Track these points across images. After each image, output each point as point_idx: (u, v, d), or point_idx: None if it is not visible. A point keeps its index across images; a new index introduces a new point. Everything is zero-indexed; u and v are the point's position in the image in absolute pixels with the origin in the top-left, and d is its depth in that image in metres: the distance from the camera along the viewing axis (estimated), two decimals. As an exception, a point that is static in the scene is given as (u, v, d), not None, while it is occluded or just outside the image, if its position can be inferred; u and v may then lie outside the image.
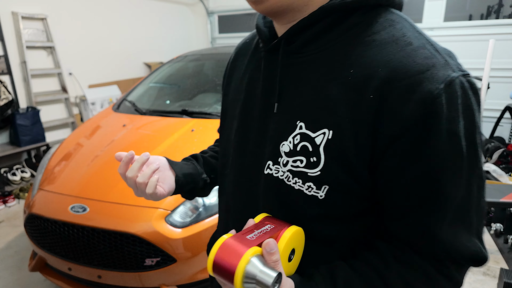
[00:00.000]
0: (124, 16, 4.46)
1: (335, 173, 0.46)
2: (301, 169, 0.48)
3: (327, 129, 0.46)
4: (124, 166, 0.63)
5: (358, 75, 0.44)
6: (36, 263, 1.72)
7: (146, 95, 2.63)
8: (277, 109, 0.53)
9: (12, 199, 3.03)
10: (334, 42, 0.48)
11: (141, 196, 0.65)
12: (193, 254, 1.45)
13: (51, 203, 1.61)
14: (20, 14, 3.23)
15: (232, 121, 0.63)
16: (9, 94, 3.10)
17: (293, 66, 0.52)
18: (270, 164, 0.52)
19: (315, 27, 0.48)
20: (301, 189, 0.49)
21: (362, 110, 0.43)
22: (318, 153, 0.46)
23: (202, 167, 0.76)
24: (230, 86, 0.67)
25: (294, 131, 0.49)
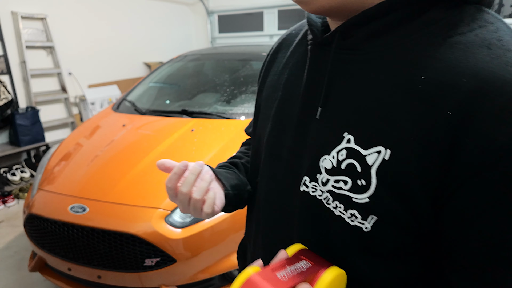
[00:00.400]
0: (123, 15, 4.45)
1: (387, 203, 0.37)
2: (345, 192, 0.40)
3: (384, 147, 0.36)
4: (176, 178, 0.52)
5: (432, 83, 0.35)
6: (35, 263, 1.72)
7: (146, 95, 2.63)
8: (320, 115, 0.44)
9: (11, 199, 3.02)
10: (405, 39, 0.39)
11: (188, 212, 0.54)
12: (193, 254, 1.44)
13: (51, 203, 1.61)
14: (20, 14, 3.22)
15: (266, 122, 0.54)
16: (8, 94, 3.10)
17: (347, 65, 0.42)
18: (307, 181, 0.44)
19: (382, 20, 0.39)
20: (342, 216, 0.40)
21: (435, 129, 0.34)
22: (369, 176, 0.37)
23: (244, 176, 0.65)
24: (266, 82, 0.59)
25: (340, 144, 0.40)
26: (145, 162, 1.70)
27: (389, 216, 0.37)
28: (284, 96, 0.51)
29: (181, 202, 0.53)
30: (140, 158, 1.73)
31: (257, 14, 5.52)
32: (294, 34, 0.57)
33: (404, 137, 0.35)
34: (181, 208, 0.54)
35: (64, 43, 3.72)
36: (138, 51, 4.74)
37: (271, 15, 5.37)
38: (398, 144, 0.36)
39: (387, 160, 0.36)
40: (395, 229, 0.38)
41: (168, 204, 1.49)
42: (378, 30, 0.40)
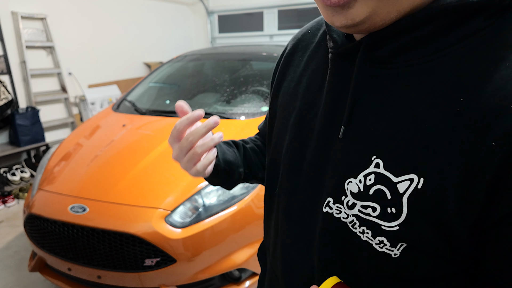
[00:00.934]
0: (123, 15, 4.45)
1: (419, 231, 0.34)
2: (373, 218, 0.37)
3: (417, 175, 0.33)
4: (187, 124, 0.49)
5: (473, 107, 0.31)
6: (35, 263, 1.72)
7: (146, 95, 2.63)
8: (344, 134, 0.40)
9: (11, 199, 3.02)
10: (440, 53, 0.34)
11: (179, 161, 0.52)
12: (193, 254, 1.44)
13: (51, 203, 1.61)
14: (20, 14, 3.22)
15: (283, 132, 0.51)
16: (8, 94, 3.10)
17: (374, 79, 0.38)
18: (331, 202, 0.42)
19: (415, 33, 0.35)
20: (370, 242, 0.38)
21: (478, 159, 0.30)
22: (400, 204, 0.35)
23: (241, 158, 0.63)
24: (281, 87, 0.55)
25: (367, 168, 0.37)
26: (145, 162, 1.70)
27: (420, 243, 0.35)
28: (303, 106, 0.48)
29: (180, 148, 0.50)
30: (140, 158, 1.73)
31: (257, 14, 5.52)
32: (310, 35, 0.53)
33: (442, 165, 0.32)
34: (174, 154, 0.52)
35: (64, 43, 3.72)
36: (138, 51, 4.74)
37: (271, 15, 5.37)
38: (434, 171, 0.33)
39: (419, 189, 0.33)
40: (425, 255, 0.36)
41: (168, 204, 1.49)
42: (410, 43, 0.36)
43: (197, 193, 1.54)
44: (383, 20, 0.35)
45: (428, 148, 0.33)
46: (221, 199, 1.57)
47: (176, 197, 1.51)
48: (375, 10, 0.34)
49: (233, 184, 0.63)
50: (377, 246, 0.37)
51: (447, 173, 0.32)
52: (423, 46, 0.35)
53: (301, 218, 0.48)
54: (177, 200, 1.51)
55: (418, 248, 0.35)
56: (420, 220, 0.34)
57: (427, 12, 0.34)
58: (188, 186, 1.55)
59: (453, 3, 0.32)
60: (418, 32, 0.35)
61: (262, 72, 2.52)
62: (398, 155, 0.35)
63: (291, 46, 0.56)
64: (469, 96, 0.32)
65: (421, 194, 0.34)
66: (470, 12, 0.33)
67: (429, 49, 0.35)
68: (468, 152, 0.31)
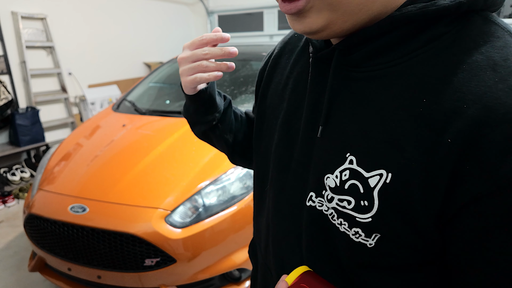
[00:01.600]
0: (123, 15, 4.46)
1: (390, 222, 0.37)
2: (348, 211, 0.40)
3: (385, 170, 0.36)
4: (212, 39, 0.53)
5: (433, 108, 0.34)
6: (35, 264, 1.72)
7: (145, 95, 2.63)
8: (322, 133, 0.43)
9: (11, 199, 3.02)
10: (406, 58, 0.37)
11: (184, 65, 0.55)
12: (193, 254, 1.44)
13: (51, 203, 1.61)
14: (20, 14, 3.22)
15: (272, 132, 0.54)
16: (8, 94, 3.10)
17: (348, 82, 0.41)
18: (313, 196, 0.45)
19: (382, 40, 0.38)
20: (347, 233, 0.41)
21: (438, 155, 0.33)
22: (371, 197, 0.38)
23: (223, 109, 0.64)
24: (269, 88, 0.58)
25: (342, 164, 0.40)
26: (145, 162, 1.70)
27: (392, 234, 0.38)
28: (290, 108, 0.51)
29: (192, 54, 0.54)
30: (140, 158, 1.73)
31: (257, 14, 5.52)
32: (296, 38, 0.56)
33: (407, 162, 0.35)
34: (182, 56, 0.55)
35: (64, 43, 3.72)
36: (138, 51, 4.74)
37: (271, 15, 5.37)
38: (400, 167, 0.35)
39: (388, 183, 0.36)
40: (398, 245, 0.38)
41: (168, 204, 1.49)
42: (379, 49, 0.38)
43: (197, 193, 1.54)
44: (341, 28, 0.38)
45: (395, 146, 0.36)
46: (221, 199, 1.57)
47: (176, 197, 1.51)
48: (330, 20, 0.37)
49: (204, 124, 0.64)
50: (353, 237, 0.40)
51: (411, 169, 0.35)
52: (392, 50, 0.38)
53: (290, 213, 0.50)
54: (177, 200, 1.51)
55: (391, 238, 0.38)
56: (390, 212, 0.37)
57: (390, 20, 0.36)
58: (188, 186, 1.55)
59: (413, 11, 0.35)
60: (386, 38, 0.38)
61: (262, 72, 2.51)
62: (369, 152, 0.38)
63: (278, 49, 0.59)
64: (430, 98, 0.34)
65: (389, 188, 0.36)
66: (432, 18, 0.35)
67: (397, 53, 0.38)
68: (429, 149, 0.34)
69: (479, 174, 0.31)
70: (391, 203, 0.36)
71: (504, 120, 0.30)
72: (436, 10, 0.34)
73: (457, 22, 0.36)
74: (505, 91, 0.31)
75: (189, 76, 0.55)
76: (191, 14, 5.82)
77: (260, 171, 0.59)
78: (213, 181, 1.59)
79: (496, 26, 0.35)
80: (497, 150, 0.30)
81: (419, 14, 0.35)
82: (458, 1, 0.34)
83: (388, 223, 0.37)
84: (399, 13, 0.36)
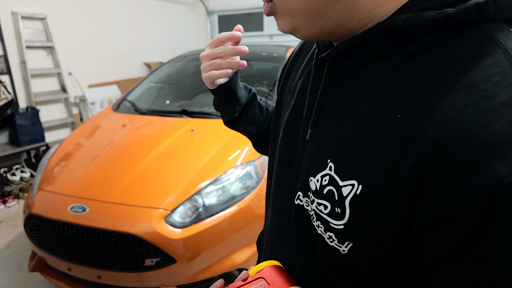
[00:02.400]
0: (123, 15, 4.45)
1: (360, 233, 0.37)
2: (324, 215, 0.40)
3: (357, 181, 0.36)
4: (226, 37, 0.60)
5: (404, 125, 0.33)
6: (35, 264, 1.72)
7: (145, 95, 2.63)
8: (310, 136, 0.44)
9: (11, 199, 3.02)
10: (391, 70, 0.36)
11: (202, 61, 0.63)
12: (193, 254, 1.44)
13: (51, 203, 1.61)
14: (20, 14, 3.22)
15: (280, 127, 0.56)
16: (8, 94, 3.10)
17: (341, 89, 0.41)
18: (300, 195, 0.46)
19: (370, 49, 0.37)
20: (323, 235, 0.41)
21: (401, 175, 0.32)
22: (344, 206, 0.37)
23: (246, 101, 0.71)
24: (286, 85, 0.59)
25: (324, 170, 0.40)
26: (145, 162, 1.70)
27: (362, 245, 0.37)
28: (296, 106, 0.52)
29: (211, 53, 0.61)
30: (140, 158, 1.73)
31: (257, 14, 5.52)
32: None
33: (374, 176, 0.34)
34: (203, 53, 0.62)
35: (64, 43, 3.72)
36: (138, 51, 4.74)
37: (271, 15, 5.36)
38: (368, 181, 0.35)
39: (358, 195, 0.36)
40: (369, 256, 0.37)
41: (168, 204, 1.49)
42: (368, 57, 0.38)
43: (197, 193, 1.54)
44: (310, 33, 0.39)
45: (368, 158, 0.35)
46: (221, 199, 1.57)
47: (176, 197, 1.51)
48: (294, 25, 0.39)
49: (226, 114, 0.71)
50: (328, 240, 0.40)
51: (378, 184, 0.34)
52: (381, 60, 0.37)
53: (284, 208, 0.51)
54: (177, 200, 1.51)
55: (361, 249, 0.37)
56: (360, 224, 0.36)
57: (375, 30, 0.35)
58: (188, 186, 1.55)
59: (397, 22, 0.34)
60: (373, 48, 0.37)
61: (262, 72, 2.52)
62: (345, 161, 0.38)
63: (299, 46, 0.61)
64: (404, 114, 0.33)
65: (359, 199, 0.36)
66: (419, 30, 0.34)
67: (385, 63, 0.37)
68: (395, 167, 0.33)
69: (435, 199, 0.30)
70: (360, 215, 0.36)
71: (465, 147, 0.28)
72: (420, 22, 0.33)
73: (449, 35, 0.33)
74: (472, 116, 0.29)
75: (206, 73, 0.62)
76: (191, 14, 5.82)
77: (271, 164, 0.61)
78: (213, 181, 1.59)
79: (491, 42, 0.32)
80: (453, 177, 0.29)
81: (402, 26, 0.34)
82: (444, 13, 0.32)
83: (358, 234, 0.37)
84: (383, 23, 0.35)
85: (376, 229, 0.35)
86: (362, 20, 0.36)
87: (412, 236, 0.33)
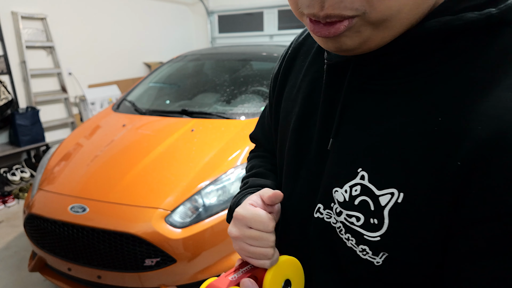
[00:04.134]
0: (123, 15, 4.45)
1: (399, 242, 0.36)
2: (356, 228, 0.39)
3: (397, 189, 0.35)
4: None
5: (446, 127, 0.32)
6: (35, 263, 1.72)
7: (146, 95, 2.63)
8: (332, 146, 0.42)
9: (11, 199, 3.02)
10: (424, 73, 0.35)
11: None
12: (193, 254, 1.44)
13: (51, 203, 1.61)
14: (20, 14, 3.22)
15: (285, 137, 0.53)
16: (8, 94, 3.10)
17: (364, 94, 0.40)
18: (321, 208, 0.43)
19: (400, 54, 0.36)
20: (354, 249, 0.40)
21: (447, 177, 0.32)
22: (382, 216, 0.36)
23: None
24: (283, 92, 0.55)
25: (353, 179, 0.39)
26: (145, 162, 1.70)
27: (400, 254, 0.36)
28: (303, 113, 0.49)
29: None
30: (140, 158, 1.73)
31: (257, 14, 5.52)
32: (312, 40, 0.53)
33: (416, 182, 0.34)
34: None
35: (64, 43, 3.72)
36: (138, 51, 4.74)
37: (271, 15, 5.37)
38: (410, 188, 0.34)
39: (399, 203, 0.35)
40: (405, 265, 0.37)
41: (168, 204, 1.49)
42: (398, 62, 0.37)
43: (197, 193, 1.54)
44: (378, 45, 0.36)
45: (406, 165, 0.34)
46: (221, 199, 1.57)
47: (176, 197, 1.51)
48: (369, 37, 0.34)
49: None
50: (360, 253, 0.39)
51: (422, 191, 0.33)
52: (410, 65, 0.36)
53: (296, 222, 0.49)
54: (177, 200, 1.51)
55: (399, 258, 0.37)
56: (400, 232, 0.36)
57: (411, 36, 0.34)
58: (188, 186, 1.55)
59: (437, 27, 0.33)
60: (404, 53, 0.36)
61: (262, 72, 2.52)
62: (381, 169, 0.36)
63: (292, 50, 0.56)
64: (445, 117, 0.33)
65: (401, 208, 0.35)
66: (459, 30, 0.33)
67: (415, 68, 0.36)
68: (439, 171, 0.32)
69: (484, 198, 0.30)
70: (402, 224, 0.35)
71: None
72: (462, 25, 0.32)
73: (483, 35, 0.33)
74: None
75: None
76: (191, 14, 5.82)
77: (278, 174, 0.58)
78: (213, 181, 1.59)
79: None
80: (503, 177, 0.29)
81: (443, 29, 0.33)
82: (488, 14, 0.31)
83: (397, 243, 0.36)
84: (420, 29, 0.33)
85: (417, 235, 0.35)
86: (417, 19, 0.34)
87: (450, 235, 0.33)
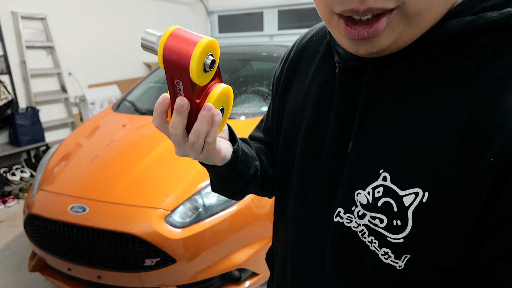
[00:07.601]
0: (123, 15, 4.45)
1: (423, 243, 0.36)
2: (380, 229, 0.38)
3: (422, 189, 0.35)
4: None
5: (474, 124, 0.32)
6: (35, 264, 1.72)
7: (146, 95, 2.63)
8: (352, 149, 0.41)
9: (11, 199, 3.02)
10: (446, 72, 0.35)
11: (183, 152, 0.43)
12: (193, 254, 1.44)
13: (51, 203, 1.61)
14: (20, 14, 3.22)
15: (293, 142, 0.51)
16: (8, 94, 3.10)
17: (382, 96, 0.39)
18: (341, 212, 0.43)
19: (421, 55, 0.36)
20: (376, 252, 0.39)
21: (478, 174, 0.32)
22: (405, 217, 0.36)
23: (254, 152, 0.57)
24: (288, 95, 0.54)
25: (376, 181, 0.38)
26: (145, 162, 1.70)
27: (423, 255, 0.36)
28: (314, 118, 0.48)
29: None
30: (140, 158, 1.73)
31: (257, 14, 5.52)
32: (316, 42, 0.52)
33: (445, 180, 0.33)
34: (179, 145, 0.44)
35: (64, 43, 3.72)
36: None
37: (271, 15, 5.37)
38: (438, 187, 0.34)
39: (424, 203, 0.35)
40: (428, 265, 0.37)
41: (168, 204, 1.49)
42: (418, 62, 0.36)
43: (197, 193, 1.54)
44: (406, 43, 0.35)
45: (431, 163, 0.34)
46: (221, 199, 1.57)
47: (176, 197, 1.51)
48: (401, 34, 0.34)
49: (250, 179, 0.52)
50: (382, 257, 0.39)
51: (449, 188, 0.33)
52: (430, 65, 0.36)
53: (312, 227, 0.48)
54: (177, 200, 1.51)
55: (421, 259, 0.37)
56: (424, 233, 0.35)
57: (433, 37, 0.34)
58: (188, 186, 1.55)
59: (459, 27, 0.33)
60: (425, 54, 0.36)
61: (262, 72, 2.52)
62: (404, 169, 0.36)
63: (295, 53, 0.55)
64: (472, 114, 0.33)
65: (425, 207, 0.35)
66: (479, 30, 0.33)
67: (436, 67, 0.36)
68: (469, 168, 0.32)
69: None
70: (426, 223, 0.35)
71: None
72: (485, 24, 0.32)
73: (502, 33, 0.33)
74: None
75: (194, 148, 0.43)
76: (191, 14, 5.82)
77: (281, 180, 0.56)
78: (213, 181, 1.59)
79: None
80: None
81: (466, 29, 0.33)
82: (508, 14, 0.32)
83: (421, 244, 0.36)
84: (442, 29, 0.34)
85: (443, 234, 0.34)
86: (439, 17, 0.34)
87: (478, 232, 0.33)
